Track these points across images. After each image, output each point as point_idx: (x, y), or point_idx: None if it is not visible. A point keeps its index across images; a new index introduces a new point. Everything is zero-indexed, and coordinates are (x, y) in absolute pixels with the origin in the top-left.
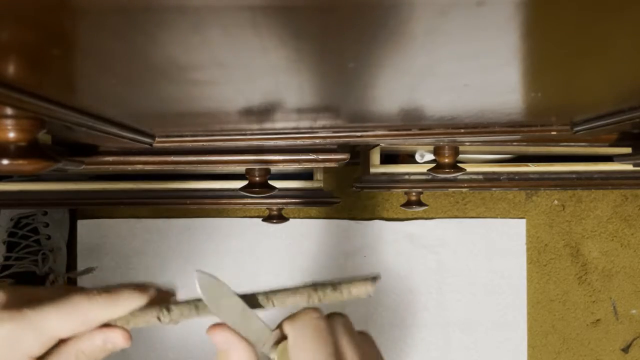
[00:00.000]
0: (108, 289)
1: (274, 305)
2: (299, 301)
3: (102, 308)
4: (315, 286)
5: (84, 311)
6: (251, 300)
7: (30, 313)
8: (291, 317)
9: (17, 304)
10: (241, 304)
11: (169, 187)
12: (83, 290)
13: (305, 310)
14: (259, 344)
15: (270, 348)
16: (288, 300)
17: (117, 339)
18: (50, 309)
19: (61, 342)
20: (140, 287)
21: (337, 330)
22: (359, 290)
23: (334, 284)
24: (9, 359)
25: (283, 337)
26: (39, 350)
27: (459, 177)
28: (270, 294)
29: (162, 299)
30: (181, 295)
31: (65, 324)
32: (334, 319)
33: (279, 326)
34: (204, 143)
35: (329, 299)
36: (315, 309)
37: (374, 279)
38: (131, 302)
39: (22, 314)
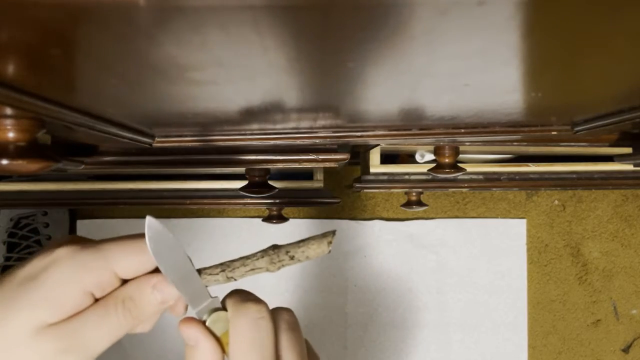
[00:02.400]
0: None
1: (235, 279)
2: (258, 273)
3: None
4: (271, 255)
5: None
6: (206, 272)
7: (98, 245)
8: (237, 303)
9: (84, 240)
10: (187, 262)
11: (169, 187)
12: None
13: (250, 304)
14: (195, 305)
15: (205, 313)
16: (247, 273)
17: (165, 289)
18: (116, 244)
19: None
20: None
21: (279, 331)
22: (316, 252)
23: (290, 252)
24: (66, 293)
25: (222, 307)
26: (98, 288)
27: (459, 177)
28: (226, 267)
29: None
30: None
31: (129, 260)
32: (278, 320)
33: (224, 299)
34: (204, 143)
35: (288, 265)
36: (262, 307)
37: (330, 237)
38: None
39: (90, 245)
